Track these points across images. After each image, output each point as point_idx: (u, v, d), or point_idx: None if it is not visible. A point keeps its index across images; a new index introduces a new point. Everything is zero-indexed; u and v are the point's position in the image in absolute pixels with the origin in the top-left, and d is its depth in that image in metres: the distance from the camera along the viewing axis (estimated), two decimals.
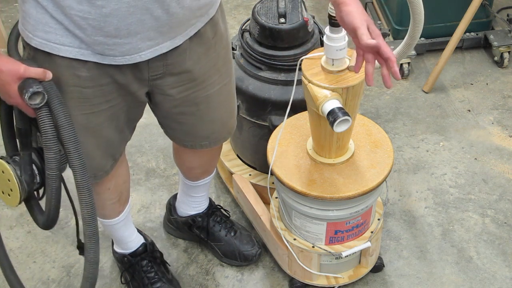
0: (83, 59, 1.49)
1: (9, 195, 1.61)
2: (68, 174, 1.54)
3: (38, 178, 1.61)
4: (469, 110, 2.85)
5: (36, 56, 1.51)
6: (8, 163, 1.58)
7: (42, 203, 1.65)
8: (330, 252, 2.03)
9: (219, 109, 1.82)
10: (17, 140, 1.60)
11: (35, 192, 1.65)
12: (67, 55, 1.48)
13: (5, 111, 1.63)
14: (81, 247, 1.84)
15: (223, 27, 1.70)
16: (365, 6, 3.33)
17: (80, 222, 1.61)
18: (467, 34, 3.06)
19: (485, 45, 3.12)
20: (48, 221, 1.62)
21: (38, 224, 1.71)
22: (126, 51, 1.49)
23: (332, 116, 1.62)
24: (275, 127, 2.10)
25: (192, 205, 2.26)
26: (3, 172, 1.58)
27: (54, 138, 1.46)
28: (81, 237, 1.65)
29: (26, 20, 1.47)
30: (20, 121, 1.56)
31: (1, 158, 1.60)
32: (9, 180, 1.58)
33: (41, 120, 1.45)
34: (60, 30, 1.45)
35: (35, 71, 1.44)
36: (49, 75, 1.46)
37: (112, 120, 1.65)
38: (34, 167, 1.60)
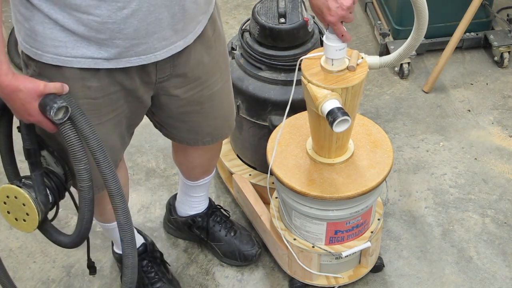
0: (96, 67, 1.48)
1: (24, 220, 1.58)
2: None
3: (50, 197, 1.59)
4: (469, 110, 2.85)
5: (43, 71, 1.49)
6: (20, 187, 1.55)
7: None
8: (330, 252, 2.03)
9: (222, 106, 1.84)
10: (27, 161, 1.58)
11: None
12: (79, 66, 1.47)
13: (4, 137, 1.61)
14: (92, 267, 1.85)
15: (220, 24, 1.72)
16: (365, 6, 3.33)
17: (92, 241, 1.59)
18: (467, 34, 3.06)
19: (485, 45, 3.12)
20: (79, 236, 1.60)
21: (62, 244, 1.68)
22: (142, 51, 1.49)
23: (331, 116, 1.63)
24: (275, 127, 2.10)
25: (192, 205, 2.26)
26: (16, 197, 1.55)
27: (82, 149, 1.45)
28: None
29: (32, 38, 1.45)
30: (28, 141, 1.54)
31: (11, 184, 1.56)
32: (24, 205, 1.55)
33: (67, 134, 1.44)
34: (71, 42, 1.44)
35: (54, 86, 1.42)
36: (66, 88, 1.45)
37: (116, 127, 1.66)
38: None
